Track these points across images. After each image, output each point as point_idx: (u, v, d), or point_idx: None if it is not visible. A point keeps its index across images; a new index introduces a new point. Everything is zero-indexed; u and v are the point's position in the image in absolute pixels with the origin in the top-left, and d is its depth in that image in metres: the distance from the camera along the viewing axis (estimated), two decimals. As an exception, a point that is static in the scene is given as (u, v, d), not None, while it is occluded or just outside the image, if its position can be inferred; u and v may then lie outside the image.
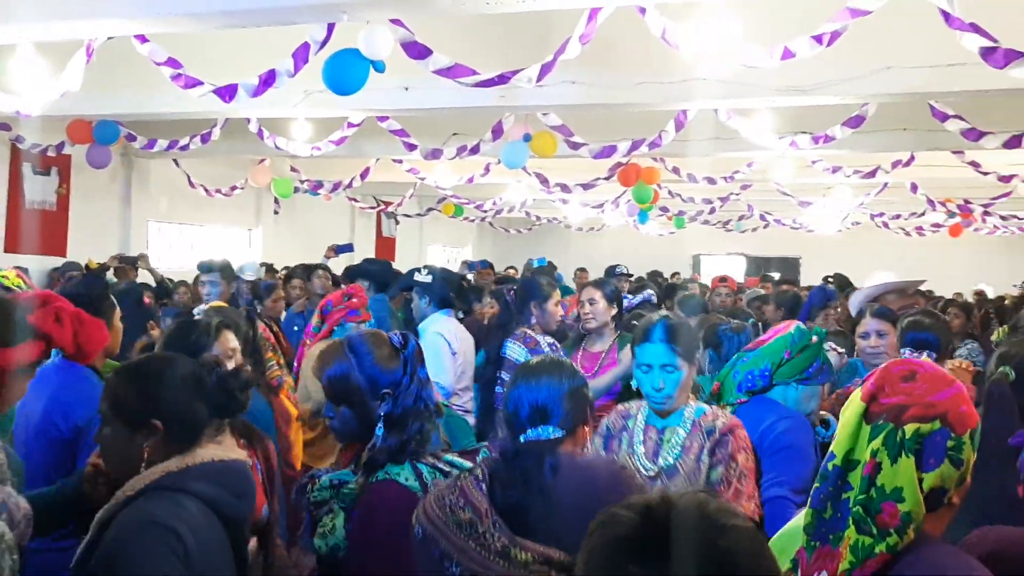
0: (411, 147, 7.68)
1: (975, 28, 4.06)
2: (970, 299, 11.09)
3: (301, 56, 4.87)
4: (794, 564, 1.59)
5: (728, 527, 1.14)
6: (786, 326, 2.99)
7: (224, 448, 2.10)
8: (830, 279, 10.01)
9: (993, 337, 5.03)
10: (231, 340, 3.00)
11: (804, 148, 7.36)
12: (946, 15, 4.08)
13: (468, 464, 2.24)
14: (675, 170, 9.71)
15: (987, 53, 4.05)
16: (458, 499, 1.98)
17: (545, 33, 5.06)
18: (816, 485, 1.60)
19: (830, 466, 1.57)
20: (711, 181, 9.98)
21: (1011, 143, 6.47)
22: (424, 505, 2.03)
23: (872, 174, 9.30)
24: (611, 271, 8.60)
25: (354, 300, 4.63)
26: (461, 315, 4.81)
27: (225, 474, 2.04)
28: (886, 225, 14.68)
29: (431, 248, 19.54)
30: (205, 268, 6.06)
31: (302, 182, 11.23)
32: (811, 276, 16.96)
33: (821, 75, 5.91)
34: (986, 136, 6.46)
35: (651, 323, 2.83)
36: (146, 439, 2.01)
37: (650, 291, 5.98)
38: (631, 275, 9.15)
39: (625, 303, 4.96)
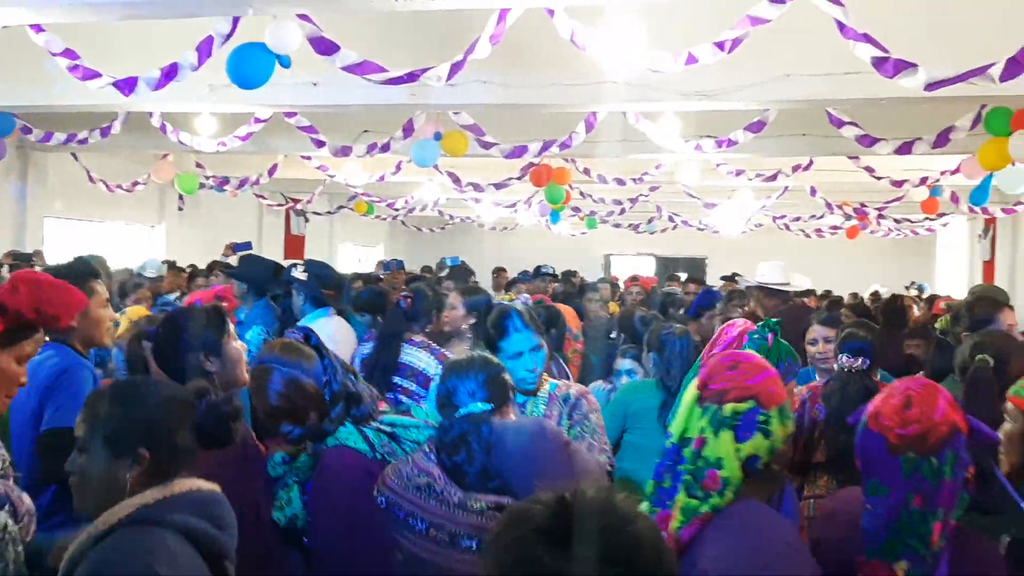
0: (319, 144, 7.58)
1: (867, 39, 4.24)
2: (866, 299, 11.57)
3: (205, 50, 4.77)
4: None
5: (632, 518, 1.21)
6: (732, 325, 3.05)
7: (200, 479, 1.91)
8: (736, 275, 10.31)
9: (937, 325, 5.31)
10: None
11: (708, 152, 7.56)
12: (841, 25, 4.25)
13: (407, 420, 2.57)
14: (586, 171, 9.84)
15: (878, 63, 4.23)
16: (412, 469, 2.30)
17: (457, 33, 5.06)
18: (657, 461, 1.86)
19: (668, 444, 1.85)
20: (620, 182, 10.15)
21: (902, 149, 6.77)
22: (383, 478, 2.33)
23: (773, 178, 9.60)
24: (538, 271, 8.70)
25: (223, 302, 4.49)
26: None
27: (207, 505, 1.85)
28: (787, 227, 15.16)
29: (342, 247, 19.30)
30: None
31: (207, 178, 10.95)
32: (717, 276, 17.41)
33: (725, 81, 6.08)
34: (879, 142, 6.74)
35: (506, 315, 3.11)
36: (129, 469, 1.82)
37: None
38: (557, 276, 9.25)
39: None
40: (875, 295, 13.01)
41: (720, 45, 4.52)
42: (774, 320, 2.81)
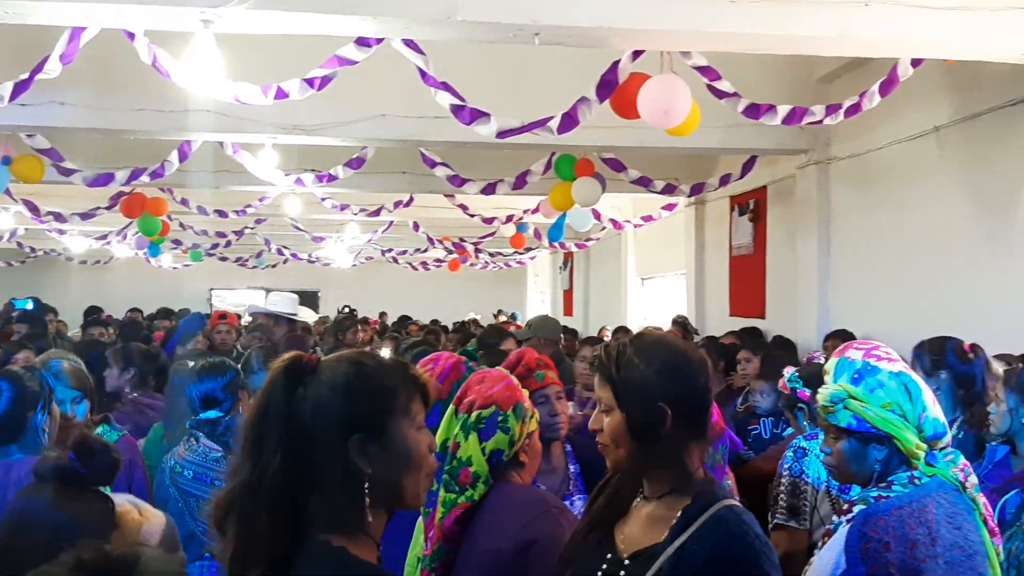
0: None
1: (446, 87, 4.57)
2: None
3: None
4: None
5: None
6: (439, 357, 3.02)
7: None
8: (345, 307, 10.47)
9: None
10: None
11: (309, 186, 7.61)
12: (422, 73, 4.53)
13: None
14: (184, 201, 9.41)
15: (456, 110, 4.57)
16: None
17: (34, 49, 4.59)
18: None
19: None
20: (222, 214, 9.85)
21: (487, 189, 7.36)
22: None
23: (377, 212, 9.92)
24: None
25: None
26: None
27: None
28: (396, 260, 15.74)
29: None
30: None
31: None
32: (330, 308, 17.53)
33: (321, 116, 6.19)
34: (467, 183, 7.27)
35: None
36: None
37: None
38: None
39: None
40: (474, 322, 13.92)
41: (310, 82, 4.59)
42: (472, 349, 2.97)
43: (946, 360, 3.52)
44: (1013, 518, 2.60)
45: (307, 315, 7.39)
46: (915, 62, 4.60)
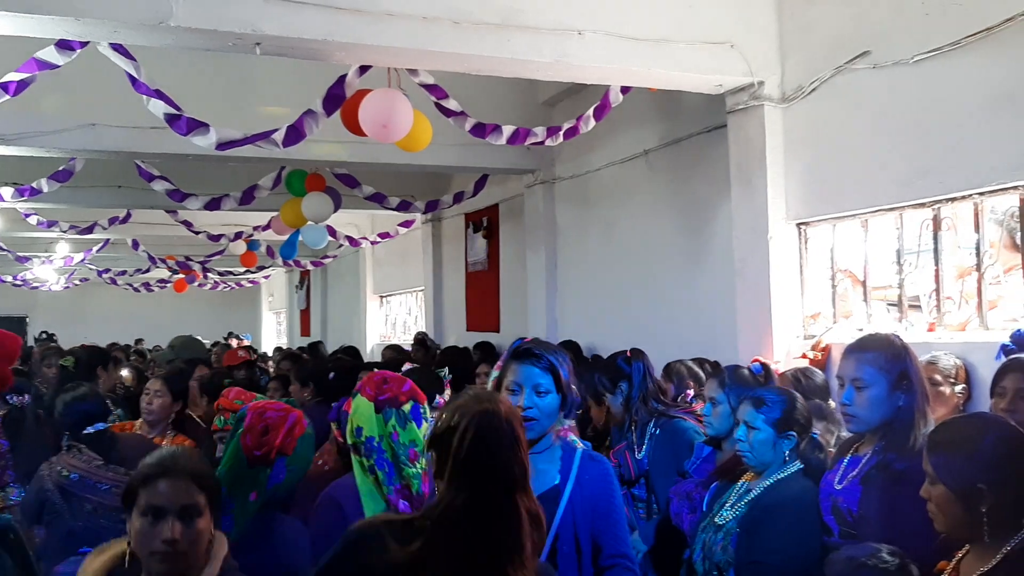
0: None
1: (160, 95, 4.30)
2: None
3: None
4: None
5: None
6: None
7: None
8: (44, 333, 9.59)
9: None
10: None
11: (10, 200, 6.90)
12: (133, 80, 4.23)
13: None
14: None
15: (172, 120, 4.31)
16: None
17: None
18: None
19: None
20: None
21: (211, 205, 7.00)
22: None
23: (90, 230, 9.16)
24: None
25: None
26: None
27: None
28: (114, 281, 14.61)
29: None
30: None
31: None
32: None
33: (21, 125, 5.62)
34: (189, 198, 6.88)
35: None
36: None
37: None
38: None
39: None
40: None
41: (5, 87, 4.16)
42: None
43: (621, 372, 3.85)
44: (707, 509, 2.84)
45: None
46: (624, 89, 4.94)
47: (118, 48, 4.10)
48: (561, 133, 5.18)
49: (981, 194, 3.73)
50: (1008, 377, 2.89)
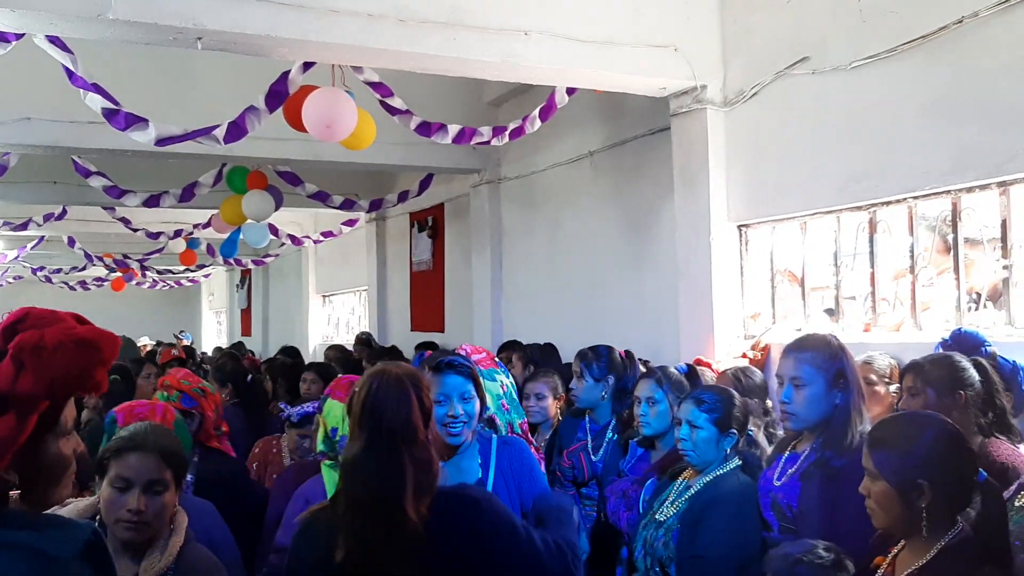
0: None
1: (97, 89, 4.19)
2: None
3: None
4: None
5: None
6: None
7: None
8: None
9: None
10: None
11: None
12: (69, 73, 4.12)
13: None
14: None
15: (110, 114, 4.21)
16: None
17: None
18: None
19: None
20: None
21: (151, 202, 6.87)
22: None
23: (24, 226, 8.91)
24: None
25: None
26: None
27: None
28: (49, 279, 14.22)
29: None
30: None
31: None
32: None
33: (-54, 118, 5.45)
34: (128, 194, 6.73)
35: None
36: None
37: None
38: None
39: None
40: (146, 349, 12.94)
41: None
42: None
43: (614, 367, 3.78)
44: (647, 507, 2.87)
45: None
46: (570, 90, 4.97)
47: (54, 40, 3.99)
48: (507, 133, 5.19)
49: (915, 198, 3.84)
50: (905, 377, 2.97)
